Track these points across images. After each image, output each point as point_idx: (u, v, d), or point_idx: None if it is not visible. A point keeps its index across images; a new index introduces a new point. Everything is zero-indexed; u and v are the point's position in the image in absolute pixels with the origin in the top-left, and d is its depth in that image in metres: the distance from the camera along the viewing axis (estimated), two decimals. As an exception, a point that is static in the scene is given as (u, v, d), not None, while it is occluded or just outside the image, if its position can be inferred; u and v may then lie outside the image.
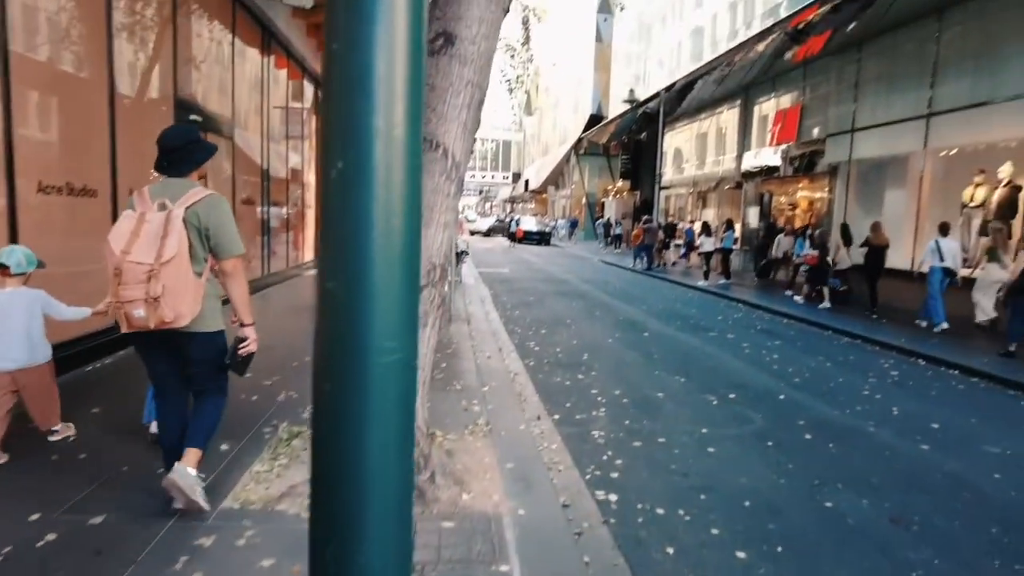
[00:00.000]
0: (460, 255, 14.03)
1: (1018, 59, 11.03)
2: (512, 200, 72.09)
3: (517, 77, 19.35)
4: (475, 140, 9.13)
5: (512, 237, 32.15)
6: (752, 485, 4.29)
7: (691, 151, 28.07)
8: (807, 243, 14.46)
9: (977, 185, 12.03)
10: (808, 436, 5.33)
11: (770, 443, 5.12)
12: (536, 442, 4.57)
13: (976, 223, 12.12)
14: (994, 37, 11.64)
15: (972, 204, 12.14)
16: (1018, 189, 11.19)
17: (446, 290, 3.91)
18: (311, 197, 15.09)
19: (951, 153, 12.81)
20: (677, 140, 29.57)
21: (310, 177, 15.06)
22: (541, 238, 35.13)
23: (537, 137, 65.54)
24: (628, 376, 7.14)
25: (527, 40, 18.79)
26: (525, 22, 18.48)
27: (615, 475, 4.31)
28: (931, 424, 5.82)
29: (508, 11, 7.92)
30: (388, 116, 0.90)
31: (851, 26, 14.39)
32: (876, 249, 12.62)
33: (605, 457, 4.61)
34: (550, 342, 8.79)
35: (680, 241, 23.52)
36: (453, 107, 3.51)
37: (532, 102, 62.24)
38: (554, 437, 4.77)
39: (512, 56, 19.07)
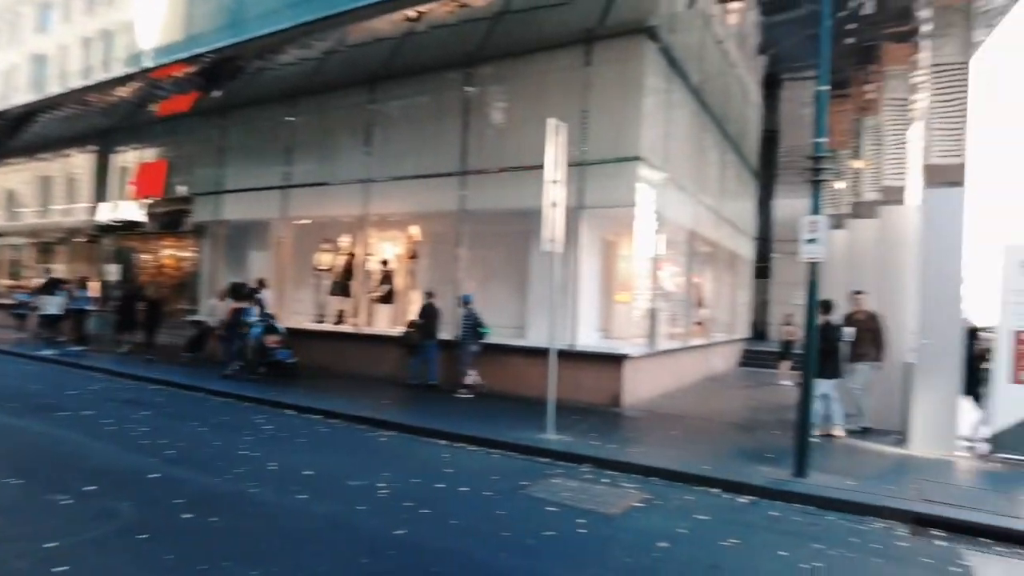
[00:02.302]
0: None
1: (348, 151, 13.46)
2: None
3: None
4: None
5: None
6: (122, 598, 3.49)
7: (33, 195, 23.48)
8: (255, 307, 12.28)
9: (325, 252, 14.02)
10: (188, 515, 4.79)
11: (143, 536, 4.34)
12: None
13: (326, 284, 14.07)
14: (331, 130, 13.92)
15: (322, 268, 14.06)
16: (354, 256, 13.52)
17: None
18: None
19: (305, 223, 14.53)
20: (13, 179, 24.29)
21: None
22: None
23: None
24: (-74, 491, 5.03)
25: None
26: None
27: None
28: (305, 472, 6.13)
29: None
30: None
31: (216, 92, 14.84)
32: (153, 303, 14.89)
33: None
34: None
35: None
36: None
37: None
38: None
39: None
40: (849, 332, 8.63)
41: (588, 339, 11.04)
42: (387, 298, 13.09)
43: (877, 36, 10.86)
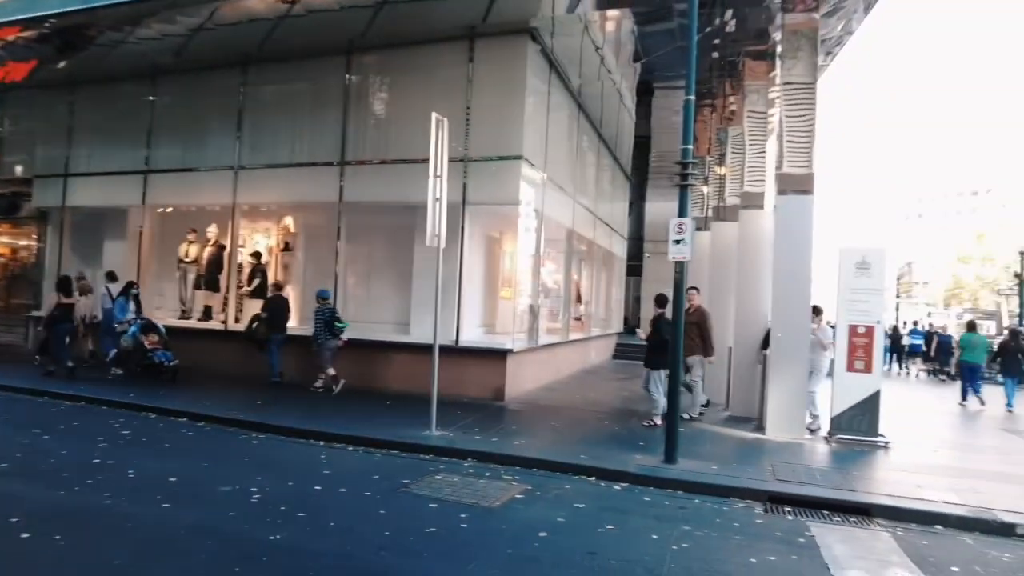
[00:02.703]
0: None
1: (216, 136, 12.60)
2: None
3: None
4: None
5: None
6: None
7: None
8: (131, 303, 11.36)
9: (190, 243, 13.03)
10: (25, 535, 4.27)
11: (-31, 561, 3.84)
12: None
13: (191, 277, 13.11)
14: (199, 113, 12.96)
15: (187, 260, 13.07)
16: (223, 248, 12.69)
17: None
18: None
19: (168, 210, 13.45)
20: None
21: None
22: None
23: None
24: None
25: None
26: None
27: None
28: (169, 479, 5.68)
29: None
30: None
31: (61, 64, 13.36)
32: None
33: None
34: None
35: None
36: None
37: None
38: None
39: None
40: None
41: (472, 335, 11.09)
42: (259, 292, 12.37)
43: (739, 52, 11.73)
